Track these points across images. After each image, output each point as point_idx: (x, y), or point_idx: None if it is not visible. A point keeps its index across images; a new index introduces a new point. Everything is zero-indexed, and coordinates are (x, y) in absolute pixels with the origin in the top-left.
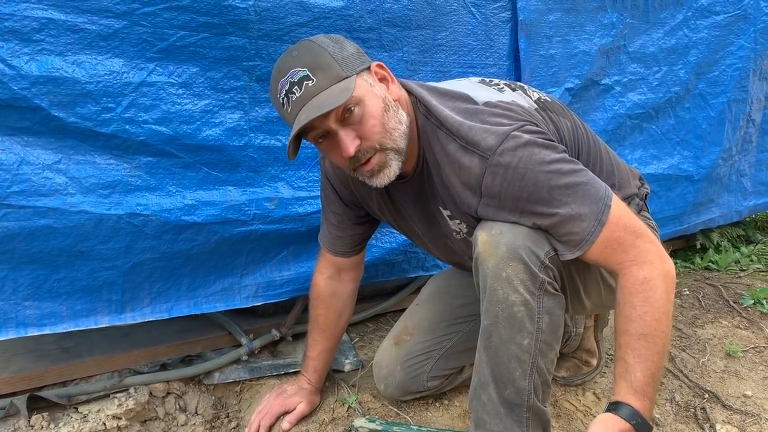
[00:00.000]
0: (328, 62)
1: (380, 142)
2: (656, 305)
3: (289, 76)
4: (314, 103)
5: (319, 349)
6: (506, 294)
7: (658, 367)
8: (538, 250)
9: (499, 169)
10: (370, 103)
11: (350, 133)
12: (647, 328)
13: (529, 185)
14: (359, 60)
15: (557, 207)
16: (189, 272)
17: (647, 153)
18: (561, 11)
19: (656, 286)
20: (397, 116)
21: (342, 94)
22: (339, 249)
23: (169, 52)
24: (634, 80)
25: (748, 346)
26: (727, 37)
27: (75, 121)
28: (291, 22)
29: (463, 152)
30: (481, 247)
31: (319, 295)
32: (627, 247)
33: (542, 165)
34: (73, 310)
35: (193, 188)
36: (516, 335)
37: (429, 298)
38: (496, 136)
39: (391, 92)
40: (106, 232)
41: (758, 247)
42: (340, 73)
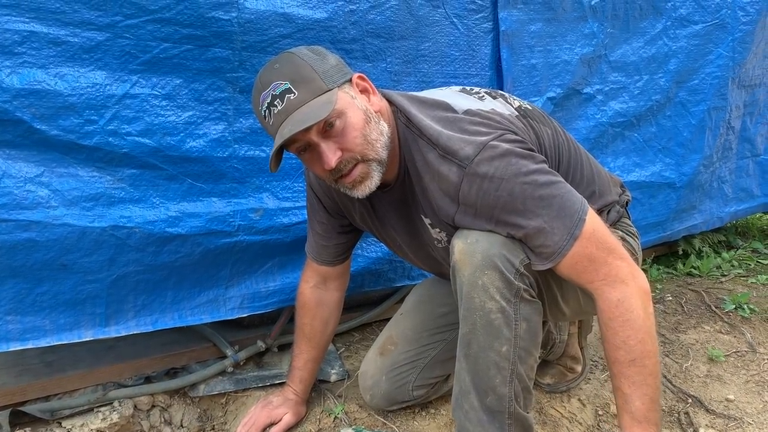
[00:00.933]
0: (310, 75)
1: (362, 153)
2: (636, 326)
3: (270, 89)
4: (296, 117)
5: (305, 359)
6: (483, 302)
7: (654, 388)
8: (512, 258)
9: (476, 179)
10: (351, 115)
11: (332, 145)
12: (634, 352)
13: (504, 195)
14: (341, 72)
15: (531, 218)
16: (173, 284)
17: (630, 161)
18: (542, 21)
19: (632, 306)
20: (379, 127)
21: (324, 107)
22: (324, 258)
23: (152, 64)
24: (615, 89)
25: (730, 350)
26: (706, 46)
27: (57, 133)
28: (274, 33)
29: (442, 161)
30: (457, 256)
31: (305, 304)
32: (598, 264)
33: (518, 176)
34: (56, 324)
35: (177, 200)
36: (494, 342)
37: (412, 307)
38: (474, 145)
39: (372, 103)
40: (90, 245)
41: (739, 252)
42: (322, 86)
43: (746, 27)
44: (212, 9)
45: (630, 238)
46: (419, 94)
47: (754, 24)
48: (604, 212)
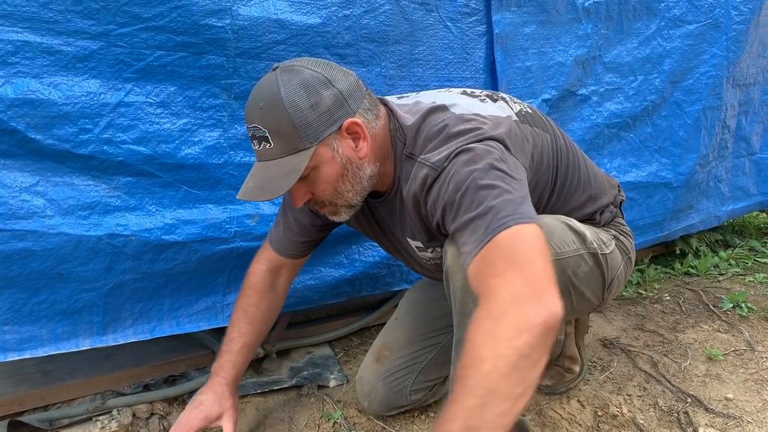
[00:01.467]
0: (288, 131)
1: (330, 200)
2: (469, 349)
3: (252, 128)
4: (262, 175)
5: (243, 342)
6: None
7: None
8: None
9: (440, 178)
10: (325, 170)
11: (302, 188)
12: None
13: (452, 188)
14: (330, 120)
15: (464, 212)
16: (171, 292)
17: (626, 161)
18: (536, 24)
19: (478, 326)
20: (357, 177)
21: (288, 177)
22: (290, 252)
23: (146, 72)
24: (610, 90)
25: (728, 349)
26: (700, 46)
27: (52, 143)
28: (268, 39)
29: (419, 167)
30: (449, 261)
31: (255, 285)
32: (489, 275)
33: (470, 171)
34: (53, 334)
35: (173, 207)
36: None
37: (407, 312)
38: (448, 149)
39: (359, 149)
40: (86, 254)
41: (736, 251)
42: (298, 145)
43: (740, 26)
44: (206, 16)
45: (623, 237)
46: (424, 101)
47: (748, 23)
48: (598, 213)
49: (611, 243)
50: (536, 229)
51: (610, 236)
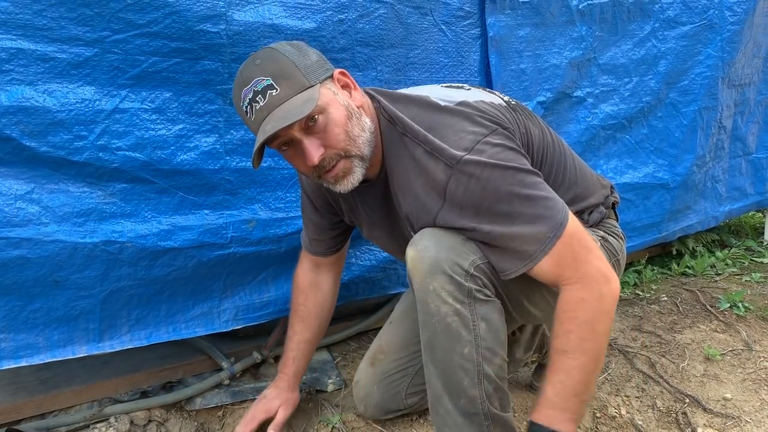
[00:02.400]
0: (292, 71)
1: (344, 149)
2: (582, 325)
3: (252, 84)
4: (278, 113)
5: (298, 340)
6: (437, 306)
7: (575, 381)
8: (461, 260)
9: (463, 178)
10: (333, 112)
11: (314, 141)
12: (569, 345)
13: (490, 195)
14: (322, 68)
15: (514, 218)
16: (167, 298)
17: (622, 162)
18: (530, 26)
19: (589, 307)
20: (360, 123)
21: (306, 104)
22: (317, 250)
23: (141, 78)
24: (606, 91)
25: (726, 349)
26: (695, 47)
27: (47, 150)
28: (263, 44)
29: (428, 157)
30: (409, 264)
31: (299, 285)
32: (578, 263)
33: (505, 177)
34: (50, 341)
35: (169, 213)
36: (456, 345)
37: (401, 315)
38: (463, 143)
39: (354, 99)
40: (82, 261)
41: (733, 251)
42: (304, 83)
43: (734, 27)
44: (200, 22)
45: (612, 238)
46: (402, 91)
47: (742, 24)
48: (586, 213)
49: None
50: (574, 221)
51: (597, 237)
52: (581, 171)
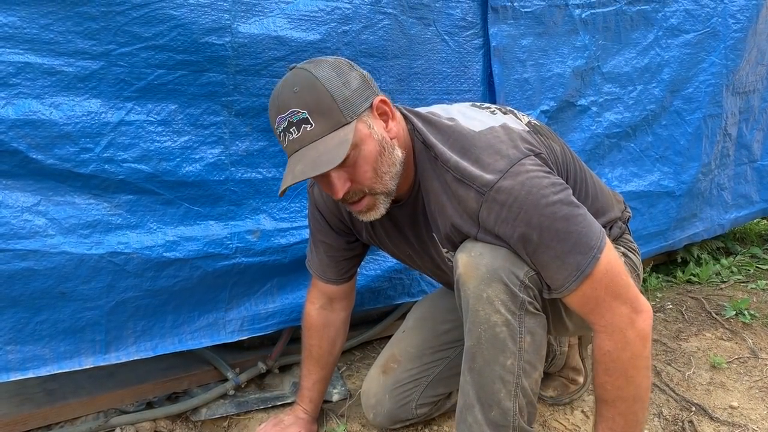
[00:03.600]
0: (329, 106)
1: (370, 187)
2: (616, 374)
3: (287, 114)
4: (310, 154)
5: (313, 380)
6: (488, 315)
7: (622, 426)
8: (517, 270)
9: (494, 206)
10: (365, 149)
11: (342, 175)
12: (609, 394)
13: (522, 226)
14: (362, 97)
15: (545, 250)
16: (173, 309)
17: (627, 171)
18: (533, 36)
19: (619, 357)
20: (392, 158)
21: (339, 148)
22: (330, 277)
23: (147, 91)
24: (609, 100)
25: (732, 357)
26: (699, 55)
27: (53, 162)
28: (268, 56)
29: (459, 184)
30: (461, 269)
31: (312, 325)
32: (601, 308)
33: (537, 207)
34: (56, 353)
35: (174, 224)
36: (499, 356)
37: (415, 324)
38: (494, 172)
39: (389, 130)
40: (88, 272)
41: (738, 258)
42: (340, 119)
43: (737, 35)
44: (206, 34)
45: (631, 254)
46: (434, 112)
47: (746, 31)
48: (607, 228)
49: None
50: (611, 248)
51: (620, 253)
52: (599, 186)
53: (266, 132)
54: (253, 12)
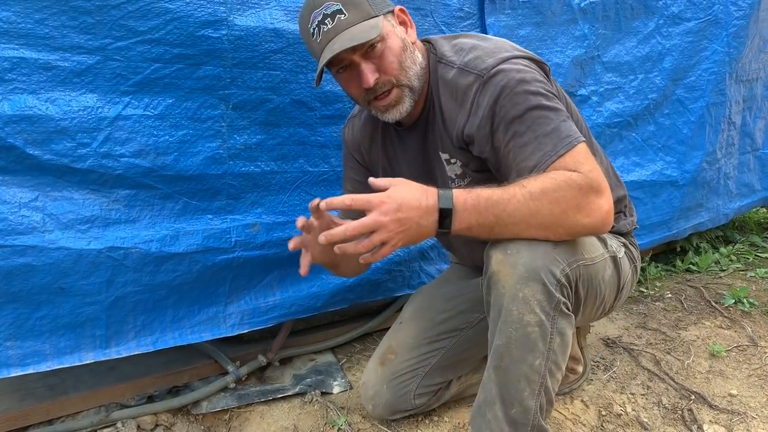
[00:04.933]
0: (360, 0)
1: (396, 77)
2: (555, 187)
3: (323, 8)
4: (346, 36)
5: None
6: (521, 314)
7: (506, 207)
8: (554, 268)
9: (489, 86)
10: (390, 42)
11: (371, 66)
12: (531, 185)
13: (508, 105)
14: (385, 2)
15: (525, 131)
16: (173, 303)
17: (629, 160)
18: (531, 26)
19: (572, 183)
20: (413, 57)
21: (372, 30)
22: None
23: (143, 85)
24: (610, 89)
25: (731, 345)
26: (701, 43)
27: (51, 158)
28: (265, 49)
29: (460, 74)
30: (496, 267)
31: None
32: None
33: (527, 92)
34: (56, 348)
35: (173, 218)
36: (528, 355)
37: (411, 315)
38: (494, 59)
39: (409, 35)
40: (87, 268)
41: (737, 247)
42: (370, 12)
43: (740, 22)
44: (202, 27)
45: (632, 247)
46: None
47: (748, 18)
48: (622, 214)
49: (621, 249)
50: (586, 146)
51: (620, 243)
52: (600, 153)
53: (264, 125)
54: (249, 4)
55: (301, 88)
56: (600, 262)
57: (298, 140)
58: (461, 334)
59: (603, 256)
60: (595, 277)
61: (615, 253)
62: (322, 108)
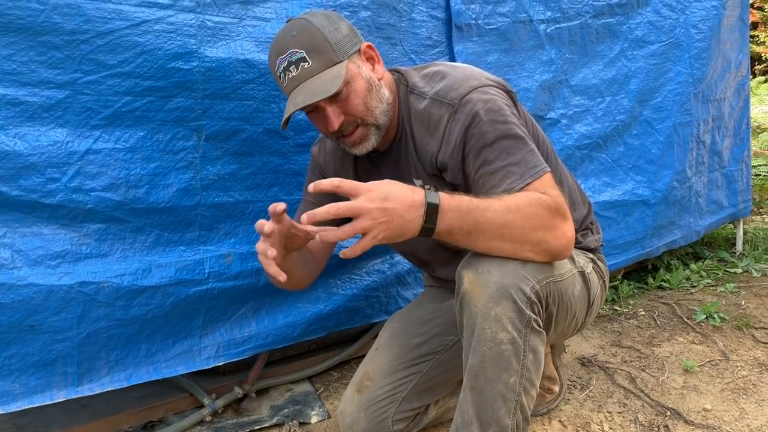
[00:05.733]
0: (324, 47)
1: (362, 117)
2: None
3: (287, 55)
4: (309, 87)
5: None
6: (494, 332)
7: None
8: (524, 286)
9: (461, 116)
10: (355, 85)
11: (336, 109)
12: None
13: (477, 134)
14: (351, 42)
15: (494, 160)
16: (146, 337)
17: (600, 181)
18: (499, 52)
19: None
20: (379, 95)
21: (333, 82)
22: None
23: (114, 119)
24: (579, 112)
25: (704, 360)
26: (665, 65)
27: (19, 194)
28: (237, 79)
29: (432, 103)
30: (468, 286)
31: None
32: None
33: (495, 122)
34: (26, 387)
35: (145, 251)
36: (503, 374)
37: (387, 341)
38: (464, 87)
39: (376, 72)
40: (57, 304)
41: (707, 263)
42: (333, 58)
43: (701, 44)
44: (172, 60)
45: (600, 262)
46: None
47: (709, 40)
48: (589, 231)
49: (589, 265)
50: (551, 176)
51: (588, 259)
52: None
53: (238, 155)
54: (219, 36)
55: (273, 117)
56: (569, 278)
57: (271, 169)
58: (437, 357)
59: (571, 272)
60: (565, 293)
61: (583, 269)
62: (296, 136)
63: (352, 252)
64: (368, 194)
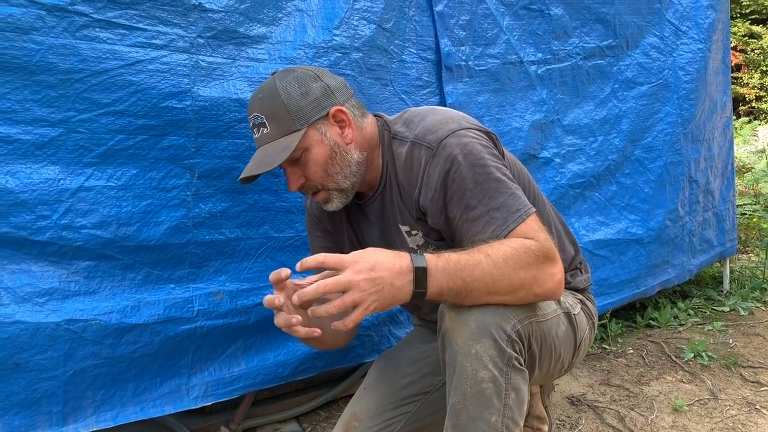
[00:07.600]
0: (282, 115)
1: (321, 183)
2: (515, 256)
3: (252, 117)
4: (260, 154)
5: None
6: (475, 371)
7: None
8: (505, 324)
9: (440, 159)
10: (315, 152)
11: (296, 172)
12: (496, 251)
13: (458, 179)
14: (319, 107)
15: (476, 205)
16: (134, 376)
17: (594, 220)
18: (489, 92)
19: (531, 252)
20: (344, 160)
21: (282, 153)
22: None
23: (107, 156)
24: (572, 151)
25: (693, 399)
26: (654, 105)
27: (8, 231)
28: (229, 118)
29: (412, 147)
30: (448, 323)
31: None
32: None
33: (475, 166)
34: (9, 427)
35: (134, 289)
36: (484, 412)
37: (375, 381)
38: (443, 130)
39: (345, 136)
40: (44, 341)
41: (694, 301)
42: (291, 126)
43: (689, 85)
44: (166, 99)
45: (589, 303)
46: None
47: (696, 82)
48: (578, 270)
49: (577, 306)
50: (536, 217)
51: (576, 300)
52: (556, 226)
53: (230, 193)
54: (212, 76)
55: None
56: (552, 319)
57: (263, 206)
58: (425, 398)
59: (556, 312)
60: (549, 333)
61: (569, 310)
62: None
63: (344, 326)
64: (354, 266)
